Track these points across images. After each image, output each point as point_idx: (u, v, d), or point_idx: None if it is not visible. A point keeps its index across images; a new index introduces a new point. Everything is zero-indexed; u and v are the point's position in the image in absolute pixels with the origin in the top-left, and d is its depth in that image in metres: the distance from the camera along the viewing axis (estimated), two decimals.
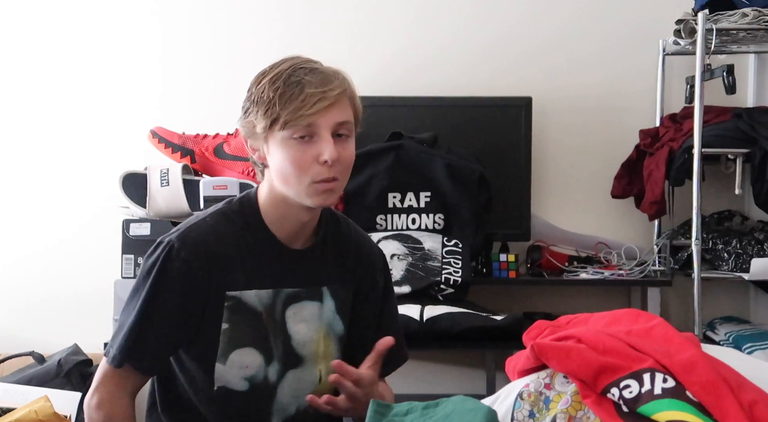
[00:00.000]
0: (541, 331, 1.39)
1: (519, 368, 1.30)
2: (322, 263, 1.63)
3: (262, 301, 1.57)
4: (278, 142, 1.51)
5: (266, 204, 1.59)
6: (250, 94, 1.54)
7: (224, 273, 1.54)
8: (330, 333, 1.64)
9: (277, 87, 1.50)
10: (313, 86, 1.49)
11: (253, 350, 1.56)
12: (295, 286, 1.59)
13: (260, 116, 1.51)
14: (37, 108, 3.01)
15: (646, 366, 1.11)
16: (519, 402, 1.18)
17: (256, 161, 1.59)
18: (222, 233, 1.55)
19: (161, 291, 1.51)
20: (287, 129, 1.49)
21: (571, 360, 1.15)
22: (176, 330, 1.53)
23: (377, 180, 2.65)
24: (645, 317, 1.32)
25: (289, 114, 1.48)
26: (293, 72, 1.52)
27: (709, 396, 1.05)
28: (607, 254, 2.81)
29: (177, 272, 1.51)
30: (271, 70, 1.54)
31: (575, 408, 1.13)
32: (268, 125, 1.50)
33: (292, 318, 1.59)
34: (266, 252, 1.57)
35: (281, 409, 1.61)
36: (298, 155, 1.50)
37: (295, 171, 1.50)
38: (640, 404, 1.07)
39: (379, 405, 1.31)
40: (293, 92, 1.49)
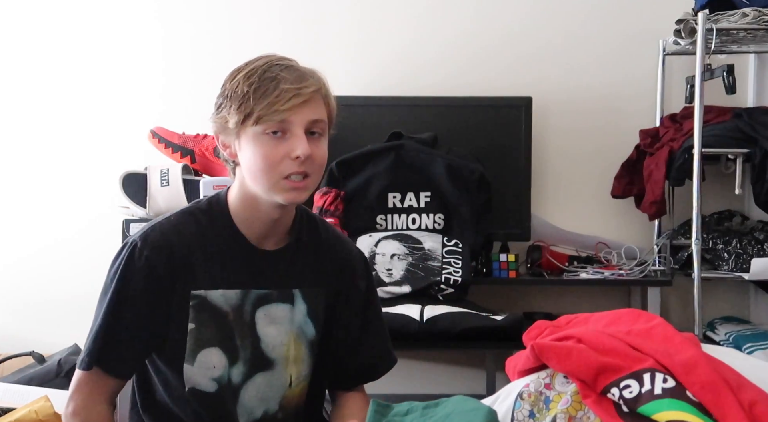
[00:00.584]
0: (541, 331, 1.39)
1: (519, 368, 1.30)
2: (295, 264, 1.61)
3: (229, 301, 1.55)
4: (250, 137, 1.49)
5: (236, 203, 1.57)
6: (224, 90, 1.53)
7: (188, 272, 1.52)
8: (301, 336, 1.60)
9: (251, 82, 1.49)
10: (288, 82, 1.48)
11: (218, 350, 1.54)
12: (265, 287, 1.57)
13: (233, 110, 1.49)
14: (37, 108, 3.01)
15: (646, 366, 1.11)
16: (519, 402, 1.18)
17: (227, 159, 1.57)
18: (185, 232, 1.54)
19: (125, 291, 1.51)
20: (260, 124, 1.48)
21: (571, 360, 1.15)
22: (143, 329, 1.52)
23: (377, 180, 2.65)
24: (645, 317, 1.32)
25: (263, 109, 1.47)
26: (268, 68, 1.50)
27: (709, 396, 1.05)
28: (607, 254, 2.81)
29: (140, 272, 1.51)
30: (246, 66, 1.53)
31: (575, 408, 1.13)
32: (241, 119, 1.49)
33: (262, 320, 1.57)
34: (233, 252, 1.55)
35: (245, 412, 1.58)
36: (270, 151, 1.48)
37: (266, 167, 1.48)
38: (640, 404, 1.07)
39: (379, 405, 1.31)
40: (268, 87, 1.48)
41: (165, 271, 1.51)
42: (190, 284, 1.53)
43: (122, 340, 1.52)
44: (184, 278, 1.52)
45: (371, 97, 2.85)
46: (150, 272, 1.50)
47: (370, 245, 2.56)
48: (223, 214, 1.57)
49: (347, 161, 2.66)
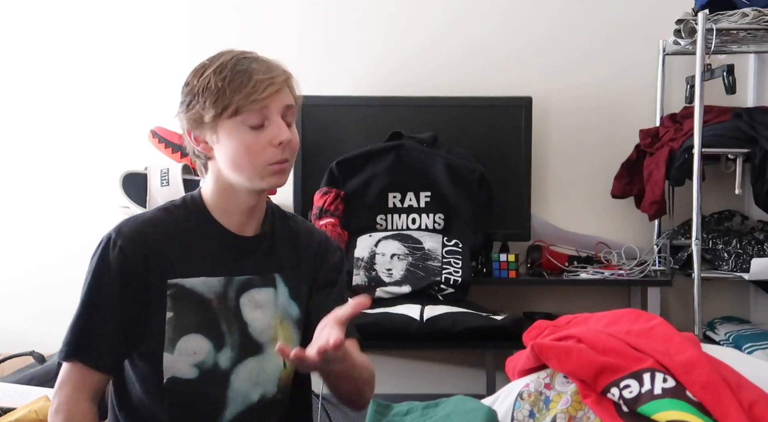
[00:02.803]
0: (541, 331, 1.39)
1: (519, 368, 1.30)
2: (273, 250, 1.65)
3: (212, 288, 1.58)
4: (229, 130, 1.54)
5: (212, 196, 1.61)
6: (192, 87, 1.56)
7: (163, 261, 1.55)
8: (286, 317, 1.64)
9: (224, 76, 1.52)
10: (260, 73, 1.53)
11: (199, 336, 1.56)
12: (247, 273, 1.61)
13: (209, 105, 1.53)
14: (37, 109, 3.02)
15: (646, 366, 1.11)
16: (519, 402, 1.18)
17: (199, 154, 1.60)
18: (159, 224, 1.58)
19: (101, 282, 1.54)
20: (239, 115, 1.52)
21: (571, 360, 1.15)
22: (120, 320, 1.54)
23: (377, 180, 2.65)
24: (645, 317, 1.31)
25: (241, 100, 1.51)
26: (237, 61, 1.54)
27: (709, 396, 1.05)
28: (607, 254, 2.81)
29: (114, 261, 1.53)
30: (212, 62, 1.56)
31: (575, 408, 1.13)
32: (218, 113, 1.52)
33: (247, 305, 1.60)
34: (214, 241, 1.59)
35: (238, 396, 1.60)
36: (252, 140, 1.53)
37: (250, 156, 1.54)
38: (640, 404, 1.07)
39: (379, 405, 1.31)
40: (242, 79, 1.52)
41: (139, 261, 1.54)
42: (167, 274, 1.55)
43: (99, 331, 1.54)
44: (159, 268, 1.55)
45: (371, 98, 2.85)
46: (124, 263, 1.54)
47: (370, 245, 2.56)
48: (198, 207, 1.61)
49: (347, 161, 2.66)
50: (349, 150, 2.68)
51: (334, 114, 2.78)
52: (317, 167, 2.69)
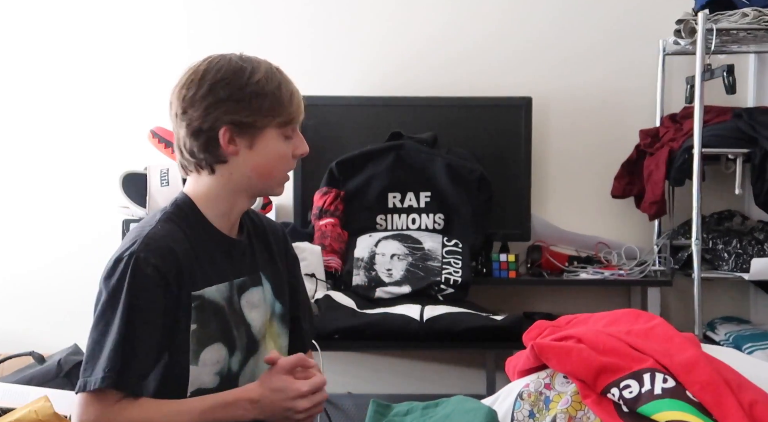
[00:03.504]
0: (541, 331, 1.39)
1: (519, 368, 1.30)
2: (254, 249, 1.68)
3: (222, 295, 1.58)
4: (269, 138, 1.56)
5: (209, 200, 1.60)
6: (239, 87, 1.54)
7: (187, 275, 1.53)
8: (273, 314, 1.67)
9: (277, 85, 1.55)
10: (292, 86, 1.59)
11: (219, 344, 1.56)
12: (241, 275, 1.63)
13: (264, 110, 1.54)
14: (37, 109, 3.01)
15: (646, 366, 1.11)
16: (519, 402, 1.18)
17: (218, 156, 1.56)
18: (176, 237, 1.55)
19: (139, 303, 1.48)
20: (285, 126, 1.57)
21: (571, 360, 1.15)
22: (159, 340, 1.50)
23: (377, 180, 2.65)
24: (645, 317, 1.32)
25: (295, 112, 1.57)
26: (279, 71, 1.58)
27: (709, 396, 1.05)
28: (607, 254, 2.81)
29: (151, 282, 1.48)
30: (254, 67, 1.56)
31: (575, 408, 1.13)
32: (271, 121, 1.55)
33: (246, 307, 1.61)
34: (217, 247, 1.59)
35: None
36: (285, 151, 1.59)
37: (279, 165, 1.59)
38: (640, 404, 1.07)
39: (379, 405, 1.31)
40: (292, 91, 1.57)
41: (173, 277, 1.51)
42: (189, 286, 1.53)
43: (140, 356, 1.48)
44: (186, 281, 1.53)
45: (371, 98, 2.85)
46: (159, 279, 1.49)
47: (370, 245, 2.56)
48: (195, 213, 1.60)
49: (347, 161, 2.66)
50: (349, 150, 2.68)
51: (334, 114, 2.78)
52: (317, 167, 2.69)
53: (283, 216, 2.88)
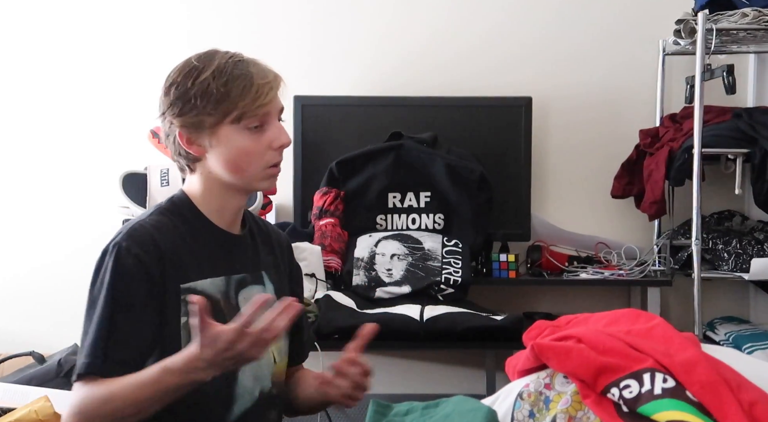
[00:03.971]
0: (541, 331, 1.39)
1: (519, 368, 1.30)
2: (257, 249, 1.68)
3: (218, 289, 1.58)
4: (228, 133, 1.54)
5: (203, 197, 1.60)
6: (186, 90, 1.54)
7: (175, 267, 1.53)
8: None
9: (225, 81, 1.52)
10: (260, 77, 1.54)
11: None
12: (241, 271, 1.62)
13: (210, 110, 1.53)
14: (37, 109, 3.02)
15: (646, 366, 1.11)
16: (519, 402, 1.18)
17: (188, 156, 1.58)
18: (164, 229, 1.55)
19: (120, 295, 1.49)
20: (243, 120, 1.53)
21: (571, 360, 1.15)
22: (142, 333, 1.50)
23: (377, 180, 2.65)
24: (645, 317, 1.31)
25: (247, 106, 1.52)
26: (234, 65, 1.54)
27: (709, 396, 1.05)
28: (607, 254, 2.81)
29: (132, 269, 1.49)
30: (205, 65, 1.55)
31: (575, 408, 1.13)
32: (221, 118, 1.53)
33: (243, 303, 1.60)
34: (211, 241, 1.59)
35: (245, 393, 1.60)
36: (253, 144, 1.55)
37: (250, 159, 1.55)
38: (640, 404, 1.06)
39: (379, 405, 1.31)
40: (245, 84, 1.52)
41: (156, 268, 1.51)
42: (179, 278, 1.54)
43: (123, 347, 1.49)
44: (173, 272, 1.53)
45: (371, 98, 2.85)
46: (142, 271, 1.50)
47: (370, 245, 2.56)
48: (190, 209, 1.60)
49: (347, 161, 2.66)
50: (349, 150, 2.68)
51: (334, 114, 2.78)
52: (317, 167, 2.69)
53: (283, 216, 2.88)
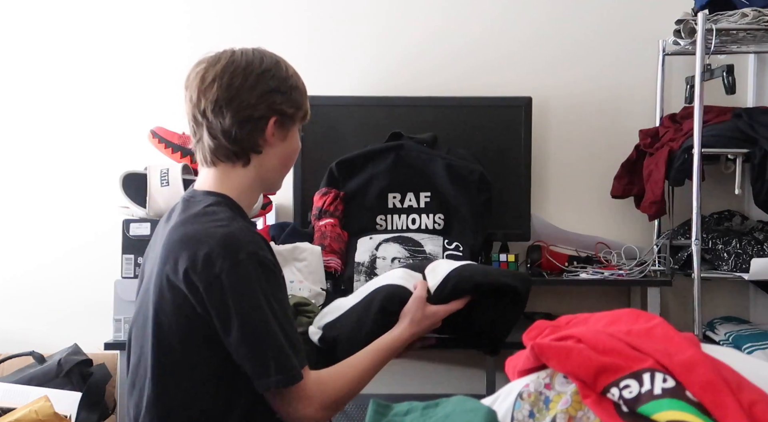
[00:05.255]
0: (541, 331, 1.39)
1: (519, 368, 1.29)
2: None
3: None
4: (295, 131, 1.65)
5: (244, 192, 1.64)
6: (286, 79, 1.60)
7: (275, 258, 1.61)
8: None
9: (302, 82, 1.65)
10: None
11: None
12: None
13: (299, 104, 1.62)
14: (37, 109, 3.02)
15: (646, 366, 1.11)
16: (519, 402, 1.18)
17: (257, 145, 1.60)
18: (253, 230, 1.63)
19: (276, 298, 1.54)
20: (304, 121, 1.66)
21: (571, 360, 1.15)
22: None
23: (377, 180, 2.65)
24: (645, 317, 1.31)
25: (308, 109, 1.66)
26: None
27: (709, 396, 1.05)
28: (607, 254, 2.81)
29: (275, 274, 1.56)
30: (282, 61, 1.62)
31: (575, 408, 1.13)
32: (302, 115, 1.64)
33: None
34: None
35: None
36: (299, 145, 1.68)
37: (294, 158, 1.68)
38: (640, 404, 1.06)
39: (379, 405, 1.30)
40: (305, 89, 1.66)
41: (280, 270, 1.60)
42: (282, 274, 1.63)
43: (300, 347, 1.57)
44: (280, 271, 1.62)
45: (371, 98, 2.85)
46: (280, 276, 1.58)
47: (370, 248, 2.55)
48: (239, 209, 1.63)
49: (347, 161, 2.66)
50: (348, 150, 2.68)
51: (334, 114, 2.78)
52: (317, 168, 2.69)
53: (283, 216, 2.88)
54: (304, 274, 2.37)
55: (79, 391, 2.31)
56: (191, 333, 1.52)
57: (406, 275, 1.86)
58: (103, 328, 2.43)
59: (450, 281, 1.85)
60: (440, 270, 1.88)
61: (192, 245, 1.52)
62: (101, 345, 2.38)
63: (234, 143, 1.59)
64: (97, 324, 2.63)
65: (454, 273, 1.86)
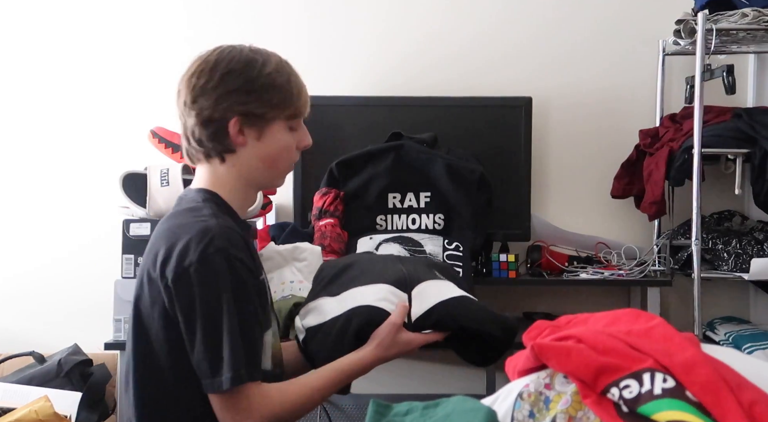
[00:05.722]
0: (541, 331, 1.39)
1: (519, 368, 1.29)
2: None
3: (266, 283, 1.67)
4: (278, 129, 1.60)
5: (232, 191, 1.63)
6: (250, 80, 1.57)
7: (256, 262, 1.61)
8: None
9: (287, 79, 1.59)
10: (301, 80, 1.63)
11: (269, 330, 1.63)
12: (260, 263, 1.68)
13: (274, 103, 1.58)
14: (37, 109, 3.02)
15: (646, 366, 1.11)
16: (519, 402, 1.18)
17: (228, 145, 1.59)
18: (232, 226, 1.58)
19: (242, 298, 1.51)
20: (293, 119, 1.61)
21: (571, 360, 1.15)
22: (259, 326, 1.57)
23: (377, 180, 2.65)
24: (645, 317, 1.31)
25: (301, 105, 1.61)
26: (288, 64, 1.62)
27: (709, 396, 1.05)
28: (607, 254, 2.81)
29: (244, 273, 1.53)
30: (264, 59, 1.59)
31: (575, 408, 1.13)
32: (280, 113, 1.59)
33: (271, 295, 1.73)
34: (249, 237, 1.67)
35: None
36: (291, 143, 1.63)
37: (285, 156, 1.63)
38: (640, 404, 1.06)
39: (379, 405, 1.30)
40: (300, 86, 1.61)
41: (254, 268, 1.58)
42: (259, 272, 1.61)
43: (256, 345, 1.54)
44: (257, 268, 1.61)
45: (371, 97, 2.85)
46: (251, 275, 1.55)
47: (371, 248, 2.55)
48: (226, 207, 1.62)
49: (347, 161, 2.66)
50: (348, 150, 2.68)
51: (334, 114, 2.78)
52: (317, 168, 2.69)
53: (283, 216, 2.88)
54: (304, 274, 2.36)
55: (79, 391, 2.31)
56: (168, 328, 1.52)
57: (389, 296, 1.74)
58: (103, 328, 2.43)
59: (433, 316, 1.74)
60: (427, 298, 1.77)
61: (171, 237, 1.52)
62: (101, 345, 2.38)
63: (199, 144, 1.60)
64: (97, 324, 2.63)
65: (440, 308, 1.75)
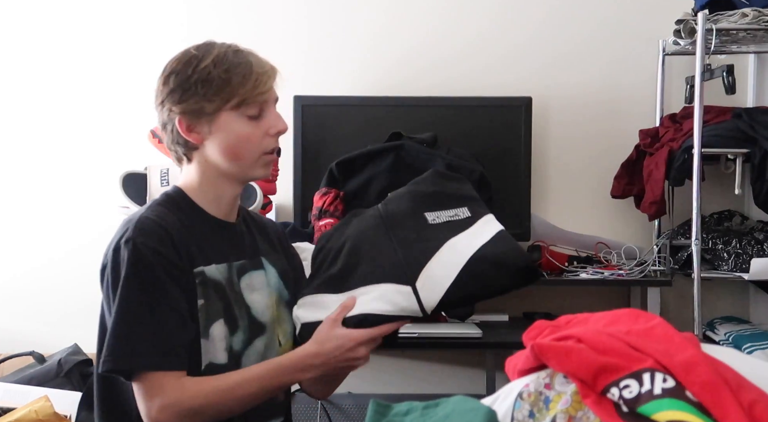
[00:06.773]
0: (541, 331, 1.39)
1: (519, 368, 1.29)
2: (253, 235, 1.72)
3: (222, 275, 1.62)
4: (228, 120, 1.58)
5: (199, 187, 1.63)
6: (186, 77, 1.58)
7: (186, 253, 1.57)
8: (280, 298, 1.71)
9: (226, 68, 1.56)
10: (258, 66, 1.59)
11: (222, 322, 1.60)
12: (240, 258, 1.66)
13: (211, 96, 1.56)
14: (37, 109, 3.02)
15: (646, 365, 1.11)
16: (519, 402, 1.18)
17: (187, 144, 1.61)
18: (167, 218, 1.59)
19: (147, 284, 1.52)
20: (243, 107, 1.57)
21: (570, 360, 1.15)
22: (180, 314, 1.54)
23: (377, 180, 2.65)
24: (645, 317, 1.31)
25: (247, 92, 1.57)
26: (234, 53, 1.59)
27: (709, 396, 1.05)
28: (607, 254, 2.81)
29: (152, 261, 1.52)
30: (204, 53, 1.59)
31: (575, 408, 1.13)
32: (222, 104, 1.57)
33: (246, 289, 1.65)
34: (209, 229, 1.63)
35: None
36: (251, 131, 1.59)
37: (249, 145, 1.60)
38: (640, 404, 1.06)
39: (379, 405, 1.30)
40: (245, 72, 1.57)
41: (173, 256, 1.55)
42: (191, 262, 1.58)
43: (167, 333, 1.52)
44: (185, 258, 1.57)
45: (371, 98, 2.85)
46: (163, 261, 1.54)
47: None
48: (185, 200, 1.64)
49: (347, 161, 2.66)
50: (348, 150, 2.68)
51: (334, 114, 2.78)
52: (317, 168, 2.69)
53: (283, 216, 2.88)
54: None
55: (79, 391, 2.30)
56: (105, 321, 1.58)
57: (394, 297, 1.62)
58: None
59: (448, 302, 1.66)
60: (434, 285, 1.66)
61: (119, 229, 1.60)
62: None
63: (169, 148, 1.65)
64: (97, 324, 2.63)
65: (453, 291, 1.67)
